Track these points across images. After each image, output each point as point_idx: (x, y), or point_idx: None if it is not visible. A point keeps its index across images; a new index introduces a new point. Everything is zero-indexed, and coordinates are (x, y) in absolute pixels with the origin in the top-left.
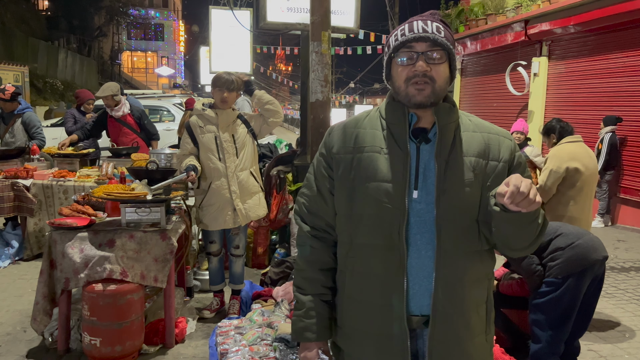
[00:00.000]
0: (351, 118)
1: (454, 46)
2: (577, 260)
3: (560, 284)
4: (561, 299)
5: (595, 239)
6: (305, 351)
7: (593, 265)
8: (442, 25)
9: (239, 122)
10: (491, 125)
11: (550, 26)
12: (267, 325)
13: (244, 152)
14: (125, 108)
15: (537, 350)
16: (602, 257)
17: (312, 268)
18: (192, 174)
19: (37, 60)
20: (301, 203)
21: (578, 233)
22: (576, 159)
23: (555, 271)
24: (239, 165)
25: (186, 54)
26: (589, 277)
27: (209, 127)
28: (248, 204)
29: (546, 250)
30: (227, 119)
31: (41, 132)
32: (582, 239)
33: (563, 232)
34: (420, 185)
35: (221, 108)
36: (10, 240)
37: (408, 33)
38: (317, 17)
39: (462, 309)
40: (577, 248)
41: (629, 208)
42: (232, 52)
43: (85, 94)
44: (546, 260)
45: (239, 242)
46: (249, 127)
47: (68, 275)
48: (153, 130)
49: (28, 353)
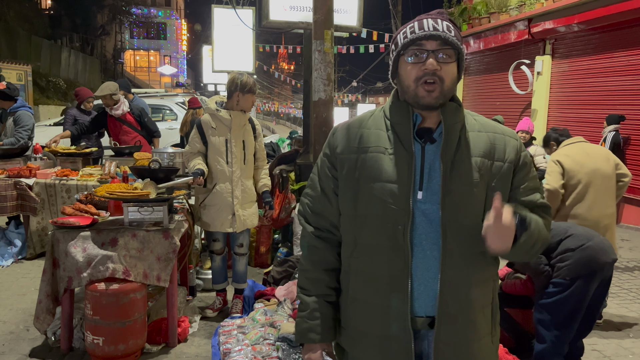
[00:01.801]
0: (355, 118)
1: (463, 46)
2: (587, 263)
3: (568, 285)
4: (568, 300)
5: (605, 241)
6: (309, 352)
7: (602, 268)
8: (452, 24)
9: (248, 128)
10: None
11: (554, 24)
12: (269, 324)
13: (250, 159)
14: (124, 107)
15: (541, 350)
16: (611, 260)
17: (316, 269)
18: (201, 179)
19: (40, 59)
20: (305, 203)
21: (588, 235)
22: (570, 156)
23: (563, 272)
24: (245, 172)
25: (189, 53)
26: (597, 280)
27: (222, 128)
28: (247, 211)
29: (555, 251)
30: (240, 123)
31: (21, 132)
32: (592, 241)
33: (573, 233)
34: (425, 186)
35: (237, 110)
36: (13, 239)
37: (418, 31)
38: (320, 15)
39: (468, 310)
40: (587, 250)
41: (633, 207)
42: (235, 50)
43: (84, 92)
44: (555, 261)
45: (243, 241)
46: (255, 136)
47: (71, 274)
48: (154, 128)
49: (31, 352)
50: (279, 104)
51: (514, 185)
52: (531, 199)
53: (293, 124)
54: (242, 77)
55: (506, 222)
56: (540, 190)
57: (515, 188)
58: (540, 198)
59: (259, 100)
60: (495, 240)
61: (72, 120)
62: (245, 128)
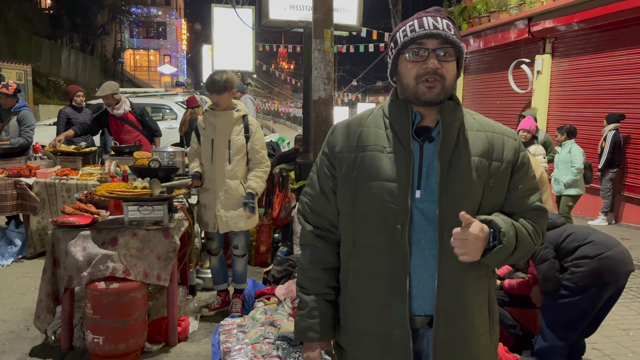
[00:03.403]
0: (354, 116)
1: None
2: (604, 273)
3: (580, 291)
4: (578, 305)
5: (625, 251)
6: (308, 351)
7: (618, 280)
8: (451, 22)
9: (239, 129)
10: (496, 124)
11: (554, 23)
12: (269, 323)
13: (238, 159)
14: (125, 106)
15: (542, 348)
16: (628, 271)
17: (315, 268)
18: (198, 182)
19: (40, 59)
20: (304, 202)
21: (608, 244)
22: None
23: (577, 278)
24: (230, 173)
25: (188, 52)
26: (611, 289)
27: (209, 129)
28: (230, 213)
29: (572, 255)
30: (226, 122)
31: (29, 132)
32: (612, 251)
33: (593, 240)
34: (423, 185)
35: (220, 110)
36: (13, 238)
37: (419, 29)
38: (320, 14)
39: (465, 308)
40: (606, 260)
41: (633, 206)
42: (235, 50)
43: (72, 88)
44: (569, 265)
45: (238, 243)
46: (248, 137)
47: (71, 274)
48: (155, 127)
49: (31, 351)
50: (279, 103)
51: (511, 186)
52: (527, 201)
53: (293, 123)
54: (209, 77)
55: (471, 236)
56: (538, 192)
57: (512, 189)
58: (537, 201)
59: (259, 100)
60: (461, 250)
61: (66, 118)
62: (235, 128)
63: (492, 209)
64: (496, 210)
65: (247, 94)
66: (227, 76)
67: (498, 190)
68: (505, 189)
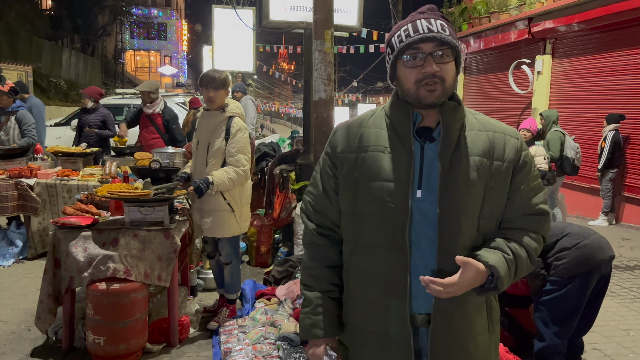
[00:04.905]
0: (356, 117)
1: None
2: (584, 261)
3: (565, 284)
4: (566, 297)
5: (602, 238)
6: (314, 348)
7: (600, 265)
8: (445, 21)
9: (221, 130)
10: (497, 124)
11: (554, 24)
12: (270, 324)
13: (214, 162)
14: (157, 107)
15: (541, 348)
16: (608, 257)
17: (318, 265)
18: (186, 184)
19: (41, 60)
20: (307, 201)
21: (584, 233)
22: None
23: (560, 271)
24: (202, 175)
25: (189, 53)
26: (595, 277)
27: (198, 129)
28: (206, 219)
29: (552, 251)
30: (210, 123)
31: (32, 130)
32: (588, 239)
33: (569, 232)
34: (424, 185)
35: (209, 109)
36: (14, 239)
37: (413, 34)
38: (320, 15)
39: (462, 307)
40: (584, 248)
41: (633, 206)
42: (235, 51)
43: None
44: (552, 260)
45: (221, 249)
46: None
47: (72, 274)
48: (179, 138)
49: (32, 352)
50: (279, 104)
51: (513, 186)
52: (530, 202)
53: (293, 124)
54: (205, 74)
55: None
56: (542, 192)
57: (515, 189)
58: (541, 202)
59: (259, 101)
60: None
61: (77, 120)
62: (217, 130)
63: (494, 209)
64: (498, 210)
65: (248, 95)
66: (225, 74)
67: (500, 190)
68: (507, 189)
